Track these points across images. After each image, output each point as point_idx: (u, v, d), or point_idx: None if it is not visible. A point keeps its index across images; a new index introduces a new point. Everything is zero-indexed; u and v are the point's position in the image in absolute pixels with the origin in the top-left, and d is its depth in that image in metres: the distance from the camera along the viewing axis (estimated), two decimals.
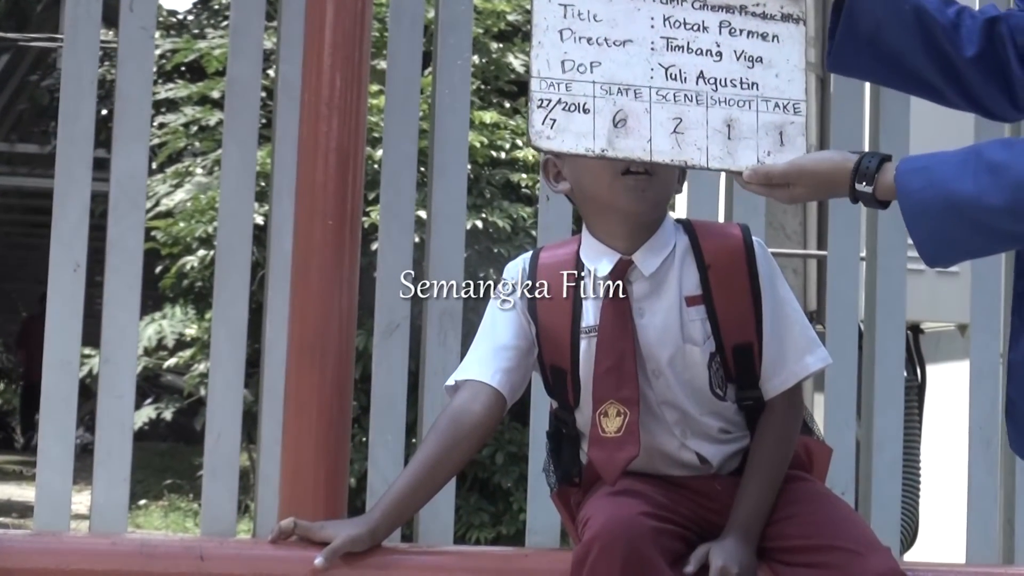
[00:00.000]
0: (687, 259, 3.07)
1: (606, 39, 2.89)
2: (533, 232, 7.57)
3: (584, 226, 3.13)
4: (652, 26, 2.90)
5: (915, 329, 5.92)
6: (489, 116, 10.03)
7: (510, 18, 11.16)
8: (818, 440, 3.23)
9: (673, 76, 2.90)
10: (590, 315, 3.05)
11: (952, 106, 3.00)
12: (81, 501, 3.36)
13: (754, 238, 3.12)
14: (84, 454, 3.41)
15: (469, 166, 3.72)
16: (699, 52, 2.91)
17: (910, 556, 3.47)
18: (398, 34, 3.66)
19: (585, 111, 2.86)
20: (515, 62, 10.87)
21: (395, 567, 3.05)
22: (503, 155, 9.91)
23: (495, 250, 9.36)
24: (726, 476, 3.05)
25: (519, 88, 11.07)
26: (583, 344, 3.04)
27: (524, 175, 9.77)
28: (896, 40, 2.84)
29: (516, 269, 3.17)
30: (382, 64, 3.72)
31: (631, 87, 2.88)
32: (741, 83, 2.91)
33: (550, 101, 2.86)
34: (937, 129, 4.57)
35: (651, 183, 3.00)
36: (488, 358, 3.09)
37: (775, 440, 3.05)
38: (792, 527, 2.96)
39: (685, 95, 2.89)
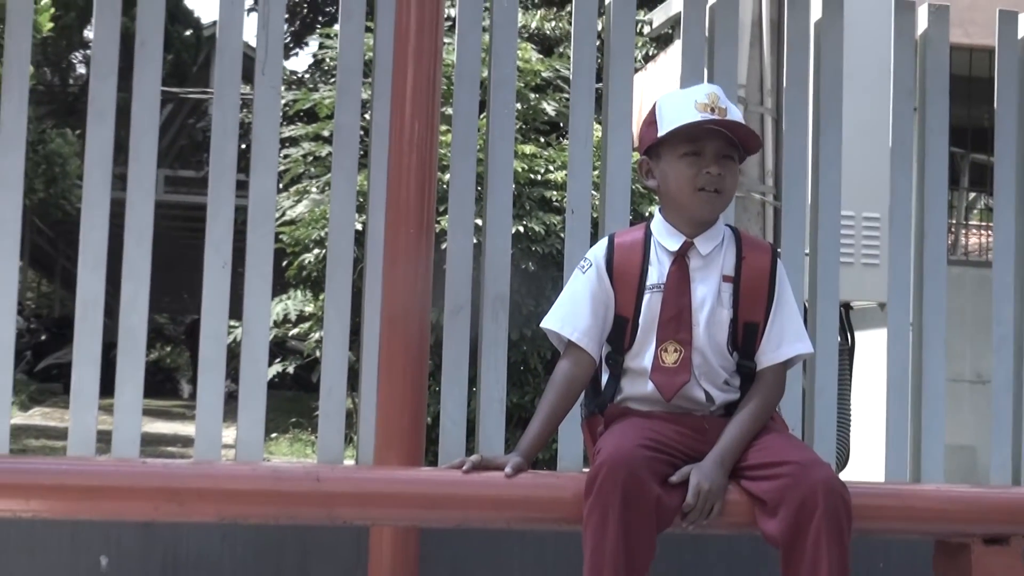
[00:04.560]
0: (729, 249, 3.12)
1: None
2: (561, 235, 7.57)
3: (659, 211, 3.17)
4: None
5: (846, 306, 5.90)
6: (528, 148, 10.02)
7: (544, 75, 11.14)
8: (779, 414, 3.24)
9: None
10: (653, 276, 3.08)
11: None
12: (228, 435, 3.37)
13: (778, 251, 3.21)
14: (230, 400, 3.42)
15: (513, 186, 3.72)
16: None
17: (842, 476, 3.46)
18: (461, 89, 3.66)
19: None
20: (548, 108, 10.85)
21: (456, 484, 3.06)
22: (539, 177, 9.90)
23: (533, 248, 9.36)
24: (715, 418, 3.06)
25: (551, 127, 11.06)
26: (646, 297, 3.07)
27: (555, 192, 9.76)
28: None
29: (600, 249, 3.17)
30: (449, 111, 3.72)
31: None
32: None
33: None
34: (861, 156, 4.56)
35: (719, 198, 3.07)
36: (592, 330, 3.10)
37: (758, 399, 3.06)
38: (755, 452, 2.98)
39: None
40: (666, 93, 3.16)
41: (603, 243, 3.19)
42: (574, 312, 3.12)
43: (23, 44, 3.48)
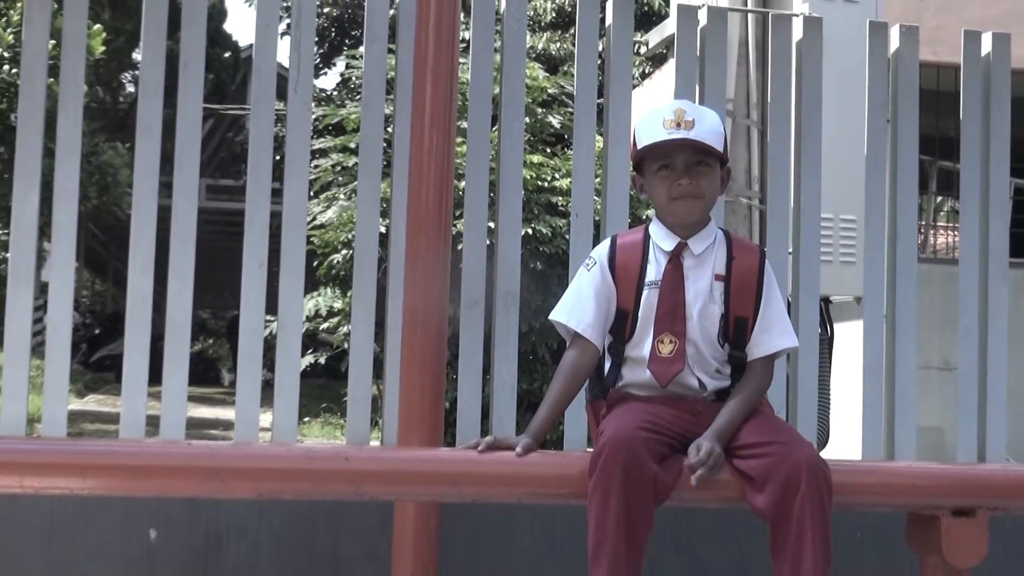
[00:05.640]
0: (721, 250, 3.12)
1: None
2: (567, 237, 7.56)
3: (656, 216, 3.17)
4: None
5: (826, 300, 5.89)
6: (536, 158, 10.02)
7: (550, 91, 11.14)
8: (766, 400, 3.24)
9: None
10: (652, 273, 3.09)
11: None
12: (265, 419, 3.37)
13: (765, 253, 3.19)
14: (267, 387, 3.42)
15: (522, 192, 3.72)
16: None
17: (823, 455, 3.46)
18: (475, 104, 3.66)
19: None
20: (553, 121, 10.85)
21: (472, 463, 3.06)
22: (546, 184, 9.91)
23: (540, 249, 9.36)
24: (707, 403, 3.06)
25: (556, 139, 11.06)
26: (645, 292, 3.08)
27: (560, 197, 9.76)
28: None
29: (603, 249, 3.18)
30: (464, 124, 3.72)
31: None
32: None
33: None
34: (839, 163, 4.54)
35: (698, 203, 3.08)
36: (596, 323, 3.10)
37: (748, 388, 3.07)
38: (745, 433, 2.98)
39: None
40: (644, 114, 3.17)
41: (606, 243, 3.19)
42: (580, 306, 3.12)
43: (78, 66, 3.49)
